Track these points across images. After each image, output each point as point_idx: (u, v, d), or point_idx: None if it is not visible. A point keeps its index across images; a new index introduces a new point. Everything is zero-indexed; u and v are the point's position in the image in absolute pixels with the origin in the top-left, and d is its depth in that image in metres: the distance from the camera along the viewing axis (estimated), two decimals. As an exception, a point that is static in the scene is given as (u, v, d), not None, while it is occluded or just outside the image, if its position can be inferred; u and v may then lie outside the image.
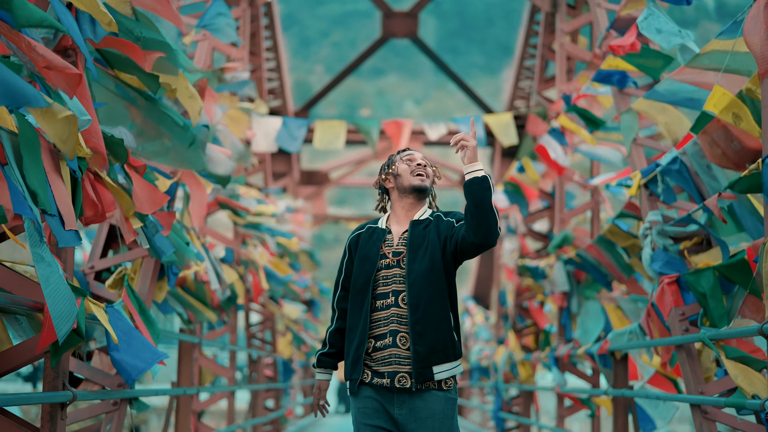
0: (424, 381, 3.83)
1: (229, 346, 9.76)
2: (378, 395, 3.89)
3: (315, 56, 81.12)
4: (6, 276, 4.14)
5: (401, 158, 4.10)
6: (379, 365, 3.88)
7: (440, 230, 3.95)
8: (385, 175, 4.10)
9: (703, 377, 5.46)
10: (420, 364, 3.83)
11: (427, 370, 3.83)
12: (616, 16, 7.44)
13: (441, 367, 3.87)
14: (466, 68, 78.25)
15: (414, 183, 4.03)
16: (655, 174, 6.30)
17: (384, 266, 3.97)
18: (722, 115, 5.40)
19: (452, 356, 3.89)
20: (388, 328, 3.89)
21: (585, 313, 9.36)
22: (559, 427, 10.00)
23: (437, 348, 3.85)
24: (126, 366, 4.28)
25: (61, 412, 4.29)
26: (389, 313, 3.90)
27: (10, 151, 3.28)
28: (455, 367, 3.93)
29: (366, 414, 3.91)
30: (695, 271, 5.49)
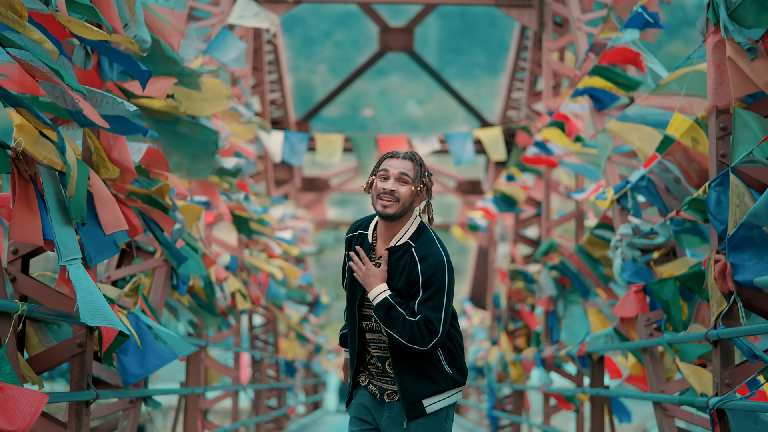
0: (417, 416, 3.73)
1: (233, 347, 10.32)
2: (370, 398, 3.86)
3: (318, 56, 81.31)
4: (36, 288, 4.68)
5: (379, 173, 3.76)
6: (373, 377, 3.85)
7: (410, 277, 3.70)
8: (366, 185, 3.83)
9: (664, 377, 6.00)
10: (409, 400, 3.72)
11: (417, 404, 3.72)
12: (594, 39, 7.98)
13: (432, 399, 3.74)
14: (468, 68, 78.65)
15: (377, 209, 3.73)
16: (625, 190, 6.84)
17: None
18: (682, 138, 5.96)
19: (445, 386, 3.75)
20: (374, 352, 3.82)
21: (570, 317, 9.91)
22: (546, 424, 10.56)
23: (425, 381, 3.73)
24: (128, 369, 4.82)
25: (85, 409, 4.84)
26: (374, 337, 3.80)
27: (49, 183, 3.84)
28: (449, 396, 3.79)
29: (358, 410, 3.88)
30: (659, 281, 6.04)
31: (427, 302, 3.64)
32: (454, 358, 3.77)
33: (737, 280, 4.50)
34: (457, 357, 3.78)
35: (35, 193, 3.69)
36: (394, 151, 3.82)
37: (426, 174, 3.78)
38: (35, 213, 3.65)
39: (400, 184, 3.71)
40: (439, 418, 3.76)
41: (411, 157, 3.77)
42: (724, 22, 4.65)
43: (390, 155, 3.79)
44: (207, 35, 9.14)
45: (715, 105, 4.86)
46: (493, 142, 11.98)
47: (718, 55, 4.84)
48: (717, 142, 4.84)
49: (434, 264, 3.66)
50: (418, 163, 3.77)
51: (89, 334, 4.78)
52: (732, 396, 4.50)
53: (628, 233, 6.75)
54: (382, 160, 3.80)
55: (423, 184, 3.75)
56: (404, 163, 3.74)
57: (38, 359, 4.70)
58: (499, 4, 12.67)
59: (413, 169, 3.74)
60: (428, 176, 3.79)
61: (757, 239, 4.37)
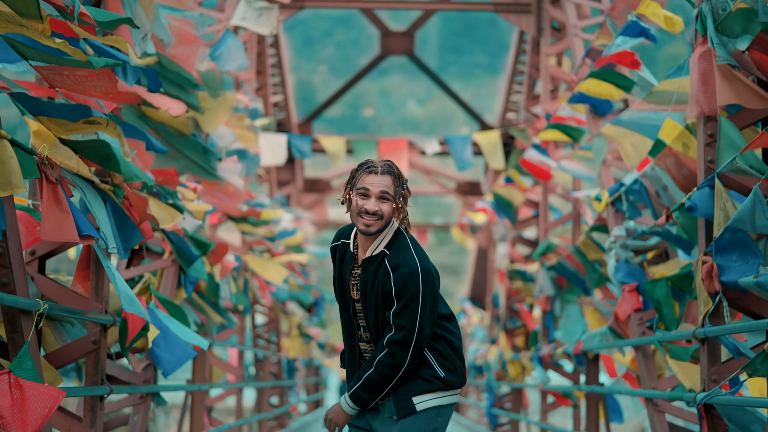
0: (407, 414, 3.68)
1: (237, 346, 10.54)
2: None
3: (318, 56, 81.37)
4: (52, 288, 4.89)
5: (357, 189, 3.67)
6: None
7: (384, 288, 3.67)
8: (344, 198, 3.74)
9: (655, 374, 6.21)
10: (398, 399, 3.70)
11: (407, 402, 3.68)
12: (590, 46, 8.19)
13: (422, 397, 3.69)
14: (468, 68, 78.78)
15: (359, 227, 3.67)
16: (619, 193, 7.05)
17: (356, 299, 3.78)
18: (673, 144, 6.16)
19: (435, 387, 3.70)
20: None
21: (567, 316, 10.14)
22: (543, 421, 10.77)
23: (416, 380, 3.69)
24: (163, 361, 5.05)
25: (100, 403, 5.05)
26: (367, 348, 3.80)
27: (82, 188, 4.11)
28: (441, 397, 3.72)
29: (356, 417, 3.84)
30: (652, 281, 6.25)
31: (400, 313, 3.61)
32: (446, 359, 3.70)
33: (723, 280, 4.71)
34: (449, 358, 3.71)
35: (63, 194, 3.90)
36: (370, 164, 3.68)
37: (404, 186, 3.70)
38: (67, 212, 3.86)
39: (381, 203, 3.63)
40: (428, 417, 3.68)
41: (389, 171, 3.66)
42: (710, 34, 4.86)
43: (367, 169, 3.66)
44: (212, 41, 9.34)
45: (702, 112, 5.07)
46: (491, 148, 12.20)
47: (704, 64, 5.04)
48: (705, 148, 5.04)
49: (406, 273, 3.61)
50: (397, 176, 3.68)
51: (103, 332, 4.99)
52: (718, 391, 4.71)
53: (622, 235, 6.96)
54: (359, 174, 3.67)
55: (402, 197, 3.68)
56: (384, 180, 3.64)
57: (55, 356, 4.91)
58: (498, 9, 12.88)
59: (393, 184, 3.65)
60: (406, 188, 3.71)
61: (742, 242, 4.59)
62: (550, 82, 11.67)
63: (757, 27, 4.62)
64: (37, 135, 4.89)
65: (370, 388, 3.67)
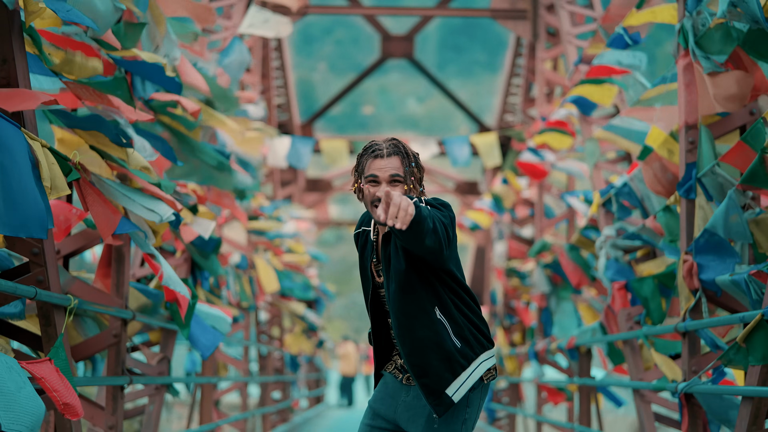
0: (447, 409, 3.42)
1: (243, 341, 10.90)
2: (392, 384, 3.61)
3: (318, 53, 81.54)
4: (76, 284, 5.23)
5: (366, 177, 3.43)
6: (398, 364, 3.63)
7: None
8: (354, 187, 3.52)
9: (642, 367, 6.57)
10: (432, 397, 3.42)
11: (444, 396, 3.41)
12: (583, 53, 8.53)
13: (455, 385, 3.43)
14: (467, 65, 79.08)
15: (375, 218, 3.33)
16: (610, 195, 7.40)
17: (379, 284, 3.57)
18: (659, 150, 6.51)
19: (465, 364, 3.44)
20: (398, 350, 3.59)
21: (561, 312, 10.48)
22: (538, 414, 11.13)
23: (443, 369, 3.41)
24: (200, 345, 5.42)
25: (120, 393, 5.41)
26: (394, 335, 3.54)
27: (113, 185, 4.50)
28: (474, 371, 3.45)
29: (375, 398, 3.64)
30: (639, 279, 6.60)
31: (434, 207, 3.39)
32: (460, 327, 3.45)
33: (702, 278, 5.06)
34: (463, 326, 3.45)
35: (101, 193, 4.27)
36: (375, 146, 3.43)
37: (414, 163, 3.45)
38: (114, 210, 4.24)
39: (393, 187, 3.39)
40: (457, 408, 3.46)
41: (396, 151, 3.42)
42: (692, 48, 5.21)
43: (373, 153, 3.41)
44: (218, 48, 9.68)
45: (685, 121, 5.42)
46: (488, 149, 12.57)
47: (687, 76, 5.39)
48: (686, 154, 5.39)
49: (432, 200, 3.44)
50: (405, 155, 3.44)
51: (123, 326, 5.34)
52: (697, 381, 5.07)
53: (612, 235, 7.30)
54: (365, 160, 3.44)
55: (413, 176, 3.44)
56: (392, 162, 3.40)
57: (79, 348, 5.26)
58: (495, 16, 13.24)
59: (402, 164, 3.41)
60: (416, 164, 3.46)
61: (718, 244, 4.93)
62: (546, 86, 12.04)
63: (733, 44, 4.96)
64: (62, 142, 5.26)
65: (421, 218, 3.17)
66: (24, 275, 4.18)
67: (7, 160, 3.35)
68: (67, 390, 3.68)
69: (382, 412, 3.60)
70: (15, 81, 3.80)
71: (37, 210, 3.38)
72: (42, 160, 3.67)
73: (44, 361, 3.61)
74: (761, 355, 4.15)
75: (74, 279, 5.23)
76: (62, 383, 3.67)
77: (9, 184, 3.28)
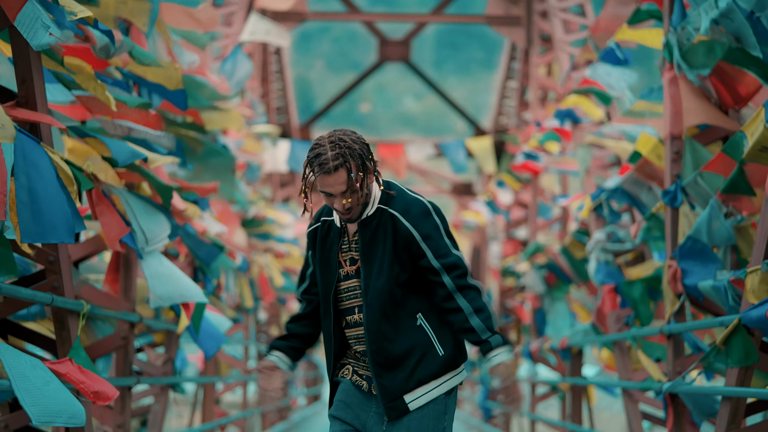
0: (399, 415, 3.32)
1: (243, 341, 11.13)
2: (355, 393, 3.43)
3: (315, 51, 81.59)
4: (86, 289, 5.45)
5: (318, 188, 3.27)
6: (360, 367, 3.44)
7: (398, 241, 3.31)
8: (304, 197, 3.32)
9: (631, 367, 6.80)
10: (387, 398, 3.31)
11: (398, 401, 3.31)
12: (574, 61, 8.77)
13: (416, 393, 3.32)
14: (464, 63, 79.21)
15: (343, 219, 3.35)
16: (600, 200, 7.63)
17: (343, 276, 3.39)
18: (648, 155, 6.74)
19: (436, 373, 3.33)
20: (363, 347, 3.39)
21: (554, 312, 10.71)
22: (532, 412, 11.38)
23: (411, 372, 3.31)
24: (206, 344, 5.65)
25: (128, 393, 5.63)
26: (360, 332, 3.39)
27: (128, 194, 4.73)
28: (442, 384, 3.35)
29: (338, 408, 3.44)
30: (629, 282, 6.83)
31: (440, 251, 3.32)
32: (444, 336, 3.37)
33: (685, 283, 5.29)
34: (444, 336, 3.37)
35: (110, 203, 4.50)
36: (321, 160, 3.22)
37: (363, 163, 3.25)
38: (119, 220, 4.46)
39: (348, 196, 3.25)
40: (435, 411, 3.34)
41: (341, 163, 3.21)
42: (677, 61, 5.43)
43: (320, 168, 3.21)
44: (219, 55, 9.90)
45: (670, 132, 5.65)
46: (483, 154, 12.81)
47: (672, 88, 5.61)
48: (671, 164, 5.62)
49: (419, 213, 3.32)
50: (350, 166, 3.23)
51: (131, 329, 5.56)
52: (680, 381, 5.29)
53: (602, 239, 7.53)
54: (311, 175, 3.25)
55: (366, 176, 3.27)
56: (340, 176, 3.21)
57: (89, 350, 5.48)
58: (490, 22, 13.50)
59: (349, 175, 3.22)
60: (364, 163, 3.26)
61: (701, 251, 5.16)
62: (540, 89, 12.28)
63: (716, 58, 5.18)
64: (72, 151, 5.48)
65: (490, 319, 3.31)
66: (39, 282, 4.40)
67: (33, 173, 3.58)
68: (93, 380, 3.90)
69: (350, 422, 3.41)
70: (33, 100, 4.02)
71: (64, 216, 3.62)
72: (62, 169, 3.90)
73: (64, 361, 3.83)
74: (738, 358, 4.37)
75: (83, 283, 5.45)
76: (86, 375, 3.88)
77: (36, 195, 3.53)
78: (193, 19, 6.53)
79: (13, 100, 4.03)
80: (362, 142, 3.29)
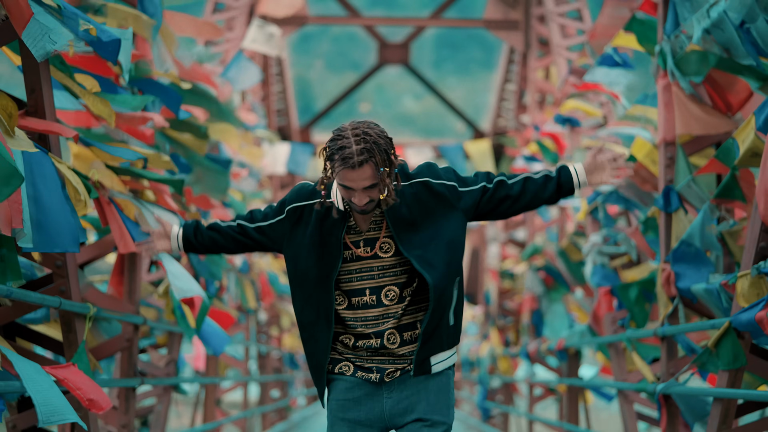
0: (422, 373, 3.31)
1: (244, 342, 11.24)
2: (361, 386, 3.35)
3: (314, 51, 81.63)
4: (91, 292, 5.56)
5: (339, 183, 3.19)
6: (363, 361, 3.36)
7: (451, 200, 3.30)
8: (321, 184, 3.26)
9: (626, 368, 6.91)
10: (420, 356, 3.30)
11: (427, 361, 3.31)
12: (571, 66, 8.88)
13: (438, 357, 3.34)
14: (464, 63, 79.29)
15: (357, 210, 3.23)
16: (596, 204, 7.74)
17: (352, 258, 3.30)
18: (643, 159, 6.85)
19: (449, 344, 3.36)
20: (370, 330, 3.31)
21: (552, 314, 10.83)
22: (530, 412, 11.49)
23: (441, 340, 3.32)
24: (214, 343, 5.77)
25: (132, 393, 5.74)
26: (370, 314, 3.31)
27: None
28: (452, 355, 3.40)
29: (344, 407, 3.36)
30: (624, 285, 6.94)
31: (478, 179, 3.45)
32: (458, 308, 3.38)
33: (679, 286, 5.40)
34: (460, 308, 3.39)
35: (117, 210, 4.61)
36: (345, 153, 3.12)
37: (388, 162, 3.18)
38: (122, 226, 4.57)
39: (368, 192, 3.17)
40: (447, 381, 3.38)
41: (367, 158, 3.12)
42: (671, 69, 5.54)
43: (343, 163, 3.11)
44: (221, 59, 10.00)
45: (663, 138, 5.75)
46: (482, 157, 12.92)
47: (666, 96, 5.72)
48: (665, 169, 5.73)
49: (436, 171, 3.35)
50: (376, 161, 3.15)
51: (135, 331, 5.67)
52: (673, 383, 5.40)
53: (598, 242, 7.65)
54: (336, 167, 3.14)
55: (388, 171, 3.19)
56: (364, 173, 3.12)
57: (94, 351, 5.59)
58: (488, 26, 13.62)
59: (374, 171, 3.13)
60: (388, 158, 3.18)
61: (694, 254, 5.27)
62: (538, 93, 12.40)
63: (709, 65, 5.29)
64: (77, 157, 5.59)
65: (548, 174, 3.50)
66: (47, 286, 4.51)
67: (40, 183, 3.69)
68: (90, 387, 4.00)
69: (363, 419, 3.35)
70: (42, 109, 4.12)
71: (68, 227, 3.73)
72: (70, 179, 4.01)
73: (67, 366, 3.93)
74: (728, 360, 4.48)
75: (89, 286, 5.56)
76: (85, 382, 3.99)
77: (42, 205, 3.63)
78: (196, 27, 6.65)
79: (22, 110, 4.14)
80: (386, 136, 3.21)
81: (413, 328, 3.33)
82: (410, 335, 3.33)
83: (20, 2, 3.63)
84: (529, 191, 3.41)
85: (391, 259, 3.29)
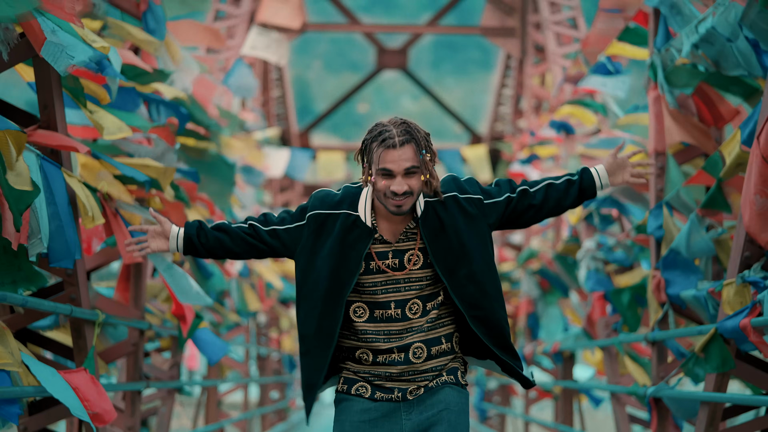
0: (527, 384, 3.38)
1: (244, 344, 11.41)
2: (378, 408, 3.26)
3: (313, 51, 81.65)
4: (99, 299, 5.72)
5: (378, 169, 3.13)
6: (383, 380, 3.27)
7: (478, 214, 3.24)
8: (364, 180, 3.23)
9: (619, 372, 7.09)
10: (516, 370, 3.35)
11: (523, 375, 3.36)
12: (566, 73, 9.03)
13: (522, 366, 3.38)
14: (462, 64, 79.38)
15: (388, 208, 3.16)
16: (590, 210, 7.90)
17: (378, 270, 3.23)
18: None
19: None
20: (393, 344, 3.23)
21: (547, 317, 10.99)
22: (526, 413, 11.66)
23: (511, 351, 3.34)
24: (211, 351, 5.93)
25: (138, 396, 5.90)
26: (394, 327, 3.24)
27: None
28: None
29: (360, 429, 3.25)
30: (617, 290, 7.11)
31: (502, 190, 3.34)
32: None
33: (669, 293, 5.56)
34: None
35: (122, 220, 4.77)
36: (386, 133, 3.12)
37: (429, 148, 3.16)
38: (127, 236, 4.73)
39: (408, 178, 3.13)
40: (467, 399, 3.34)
41: (409, 138, 3.11)
42: (660, 82, 5.70)
43: (383, 143, 3.10)
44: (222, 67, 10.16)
45: (654, 148, 5.92)
46: (479, 162, 13.10)
47: (656, 107, 5.88)
48: (656, 179, 5.89)
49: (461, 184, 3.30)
50: (418, 141, 3.13)
51: (141, 336, 5.83)
52: (664, 386, 5.57)
53: (593, 247, 7.81)
54: (376, 150, 3.12)
55: (431, 160, 3.17)
56: (406, 152, 3.10)
57: (101, 356, 5.75)
58: (485, 33, 13.80)
59: (416, 153, 3.11)
60: (429, 148, 3.17)
61: (683, 262, 5.44)
62: (534, 98, 12.57)
63: (698, 78, 5.45)
64: (84, 167, 5.76)
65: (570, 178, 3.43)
66: (57, 293, 4.67)
67: (48, 198, 3.86)
68: (97, 399, 4.15)
69: None
70: (54, 124, 4.28)
71: (68, 244, 3.90)
72: (80, 194, 4.18)
73: (80, 371, 4.10)
74: (716, 365, 4.64)
75: (96, 294, 5.72)
76: (95, 391, 4.15)
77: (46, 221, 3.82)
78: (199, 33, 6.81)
79: (35, 125, 4.30)
80: (425, 131, 3.20)
81: (439, 342, 3.26)
82: (437, 350, 3.26)
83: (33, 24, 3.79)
84: (551, 198, 3.34)
85: (418, 272, 3.23)
